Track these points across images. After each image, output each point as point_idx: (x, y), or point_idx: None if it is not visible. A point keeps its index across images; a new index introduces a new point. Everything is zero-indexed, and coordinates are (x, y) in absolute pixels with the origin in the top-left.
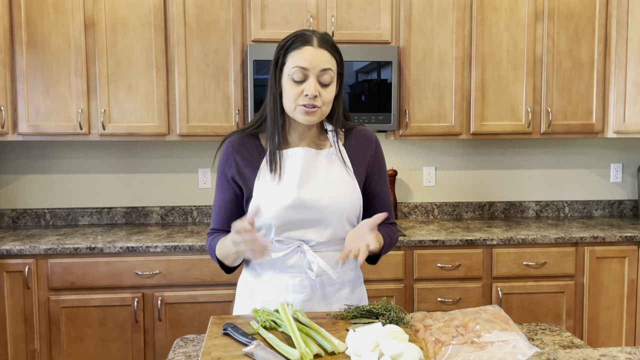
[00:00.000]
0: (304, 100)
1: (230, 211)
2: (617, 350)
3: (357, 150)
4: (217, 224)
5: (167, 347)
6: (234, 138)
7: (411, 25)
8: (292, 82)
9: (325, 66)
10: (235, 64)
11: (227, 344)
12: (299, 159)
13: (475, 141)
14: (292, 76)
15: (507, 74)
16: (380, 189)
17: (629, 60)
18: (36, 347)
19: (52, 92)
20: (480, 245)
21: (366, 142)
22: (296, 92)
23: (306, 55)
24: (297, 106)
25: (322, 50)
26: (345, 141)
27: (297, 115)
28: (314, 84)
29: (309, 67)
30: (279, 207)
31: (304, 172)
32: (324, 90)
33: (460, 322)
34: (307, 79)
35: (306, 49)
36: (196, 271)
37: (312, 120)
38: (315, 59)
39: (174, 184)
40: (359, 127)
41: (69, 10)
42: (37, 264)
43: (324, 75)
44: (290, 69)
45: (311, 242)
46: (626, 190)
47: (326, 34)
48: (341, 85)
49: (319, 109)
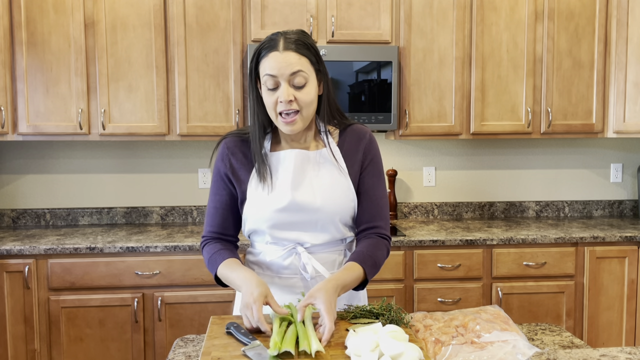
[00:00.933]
0: (280, 106)
1: (227, 212)
2: (617, 350)
3: (350, 149)
4: (212, 226)
5: (167, 347)
6: (230, 140)
7: (411, 25)
8: (267, 90)
9: (293, 69)
10: (235, 64)
11: (227, 344)
12: (290, 162)
13: (475, 141)
14: (266, 84)
15: (507, 74)
16: (370, 185)
17: (629, 60)
18: (36, 347)
19: (52, 92)
20: (480, 245)
21: (359, 140)
22: (272, 100)
23: (272, 62)
24: (277, 116)
25: (288, 52)
26: (339, 140)
27: (280, 125)
28: (286, 89)
29: (277, 74)
30: (271, 210)
31: (296, 174)
32: (299, 92)
33: (460, 322)
34: (279, 86)
35: (272, 56)
36: (196, 271)
37: (295, 129)
38: (281, 64)
39: (174, 184)
40: (354, 125)
41: (69, 10)
42: (37, 264)
43: (295, 78)
44: (263, 78)
45: (306, 244)
46: (626, 190)
47: (297, 33)
48: (327, 82)
49: (299, 115)
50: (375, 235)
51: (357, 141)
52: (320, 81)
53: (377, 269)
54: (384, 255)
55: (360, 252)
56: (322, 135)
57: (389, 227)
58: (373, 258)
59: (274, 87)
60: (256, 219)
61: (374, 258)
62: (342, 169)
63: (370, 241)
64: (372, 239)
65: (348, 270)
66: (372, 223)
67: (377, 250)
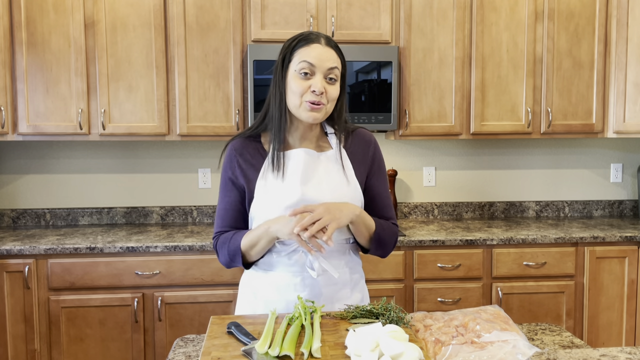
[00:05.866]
0: (310, 96)
1: (237, 213)
2: (617, 350)
3: (357, 152)
4: (223, 226)
5: (167, 347)
6: (236, 141)
7: (411, 25)
8: (298, 78)
9: (332, 65)
10: (235, 64)
11: (227, 344)
12: (300, 160)
13: (475, 141)
14: (300, 71)
15: (507, 74)
16: (379, 189)
17: (629, 60)
18: (36, 347)
19: (52, 92)
20: (480, 245)
21: (365, 144)
22: (303, 87)
23: (314, 52)
24: (303, 102)
25: (329, 49)
26: (345, 143)
27: (302, 112)
28: (321, 80)
29: (316, 64)
30: (281, 206)
31: (305, 172)
32: (330, 87)
33: (460, 322)
34: (314, 76)
35: (314, 46)
36: (196, 271)
37: (318, 117)
38: (323, 56)
39: (174, 184)
40: (358, 129)
41: (69, 10)
42: (37, 264)
43: (330, 73)
44: (297, 64)
45: None
46: (626, 190)
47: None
48: (343, 88)
49: (324, 107)
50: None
51: (364, 145)
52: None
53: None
54: (395, 235)
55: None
56: (330, 137)
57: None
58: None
59: (308, 75)
60: (265, 217)
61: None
62: (350, 171)
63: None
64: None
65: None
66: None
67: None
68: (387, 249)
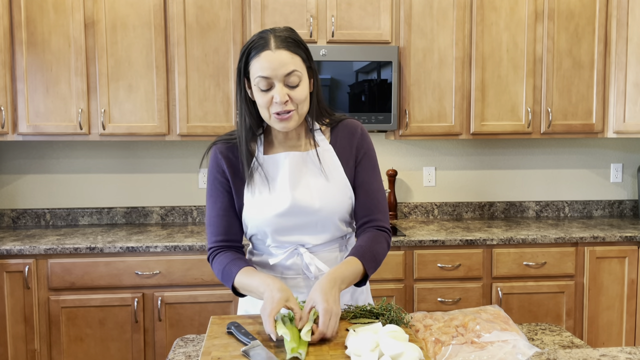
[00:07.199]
0: (275, 107)
1: (231, 219)
2: (617, 350)
3: (343, 145)
4: (217, 235)
5: (167, 347)
6: (221, 145)
7: (411, 25)
8: (259, 92)
9: (287, 70)
10: (235, 64)
11: (227, 344)
12: (285, 165)
13: (475, 141)
14: (258, 86)
15: (507, 74)
16: (365, 179)
17: (629, 60)
18: (36, 347)
19: (52, 92)
20: (480, 245)
21: (351, 135)
22: (266, 100)
23: (266, 62)
24: (272, 115)
25: (281, 51)
26: (331, 138)
27: (273, 123)
28: (281, 89)
29: (271, 75)
30: (272, 214)
31: (292, 177)
32: (293, 91)
33: (460, 322)
34: (273, 86)
35: (264, 55)
36: (196, 271)
37: (290, 126)
38: (275, 63)
39: (174, 184)
40: (345, 120)
41: (69, 10)
42: (37, 264)
43: (289, 78)
44: (254, 80)
45: (307, 245)
46: (626, 190)
47: (286, 30)
48: (316, 79)
49: (294, 112)
50: (374, 229)
51: (349, 136)
52: (310, 78)
53: (378, 263)
54: (384, 249)
55: (359, 247)
56: (316, 133)
57: (388, 220)
58: (372, 252)
59: (267, 88)
60: (257, 224)
61: (372, 252)
62: (337, 167)
63: (369, 235)
64: (371, 233)
65: (346, 264)
66: (370, 217)
67: (376, 244)
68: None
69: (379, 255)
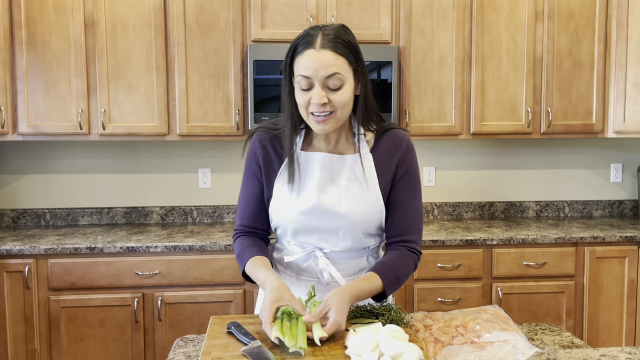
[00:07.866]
0: (312, 108)
1: (257, 207)
2: (617, 350)
3: (384, 157)
4: (243, 219)
5: (167, 347)
6: (261, 133)
7: (411, 25)
8: (300, 90)
9: (328, 72)
10: (235, 64)
11: (227, 344)
12: (318, 165)
13: (475, 141)
14: (299, 84)
15: (507, 74)
16: (404, 197)
17: (629, 60)
18: (36, 347)
19: (52, 92)
20: (480, 245)
21: (395, 147)
22: (304, 100)
23: (307, 61)
24: (309, 114)
25: (325, 51)
26: (373, 146)
27: (311, 123)
28: (319, 91)
29: (311, 75)
30: (295, 212)
31: (323, 178)
32: (333, 94)
33: (460, 322)
34: (313, 87)
35: (307, 54)
36: (196, 271)
37: (327, 128)
38: (317, 63)
39: (174, 184)
40: (392, 130)
41: (69, 10)
42: (37, 264)
43: (330, 80)
44: (297, 77)
45: (325, 249)
46: (626, 190)
47: (337, 28)
48: (366, 82)
49: (333, 115)
50: (405, 249)
51: (392, 148)
52: (358, 81)
53: (399, 284)
54: (410, 271)
55: (383, 264)
56: (356, 140)
57: (421, 240)
58: (395, 272)
59: (308, 88)
60: (280, 219)
61: (396, 272)
62: (372, 178)
63: (397, 253)
64: (400, 252)
65: (366, 280)
66: (403, 237)
67: (402, 265)
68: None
69: (403, 277)
